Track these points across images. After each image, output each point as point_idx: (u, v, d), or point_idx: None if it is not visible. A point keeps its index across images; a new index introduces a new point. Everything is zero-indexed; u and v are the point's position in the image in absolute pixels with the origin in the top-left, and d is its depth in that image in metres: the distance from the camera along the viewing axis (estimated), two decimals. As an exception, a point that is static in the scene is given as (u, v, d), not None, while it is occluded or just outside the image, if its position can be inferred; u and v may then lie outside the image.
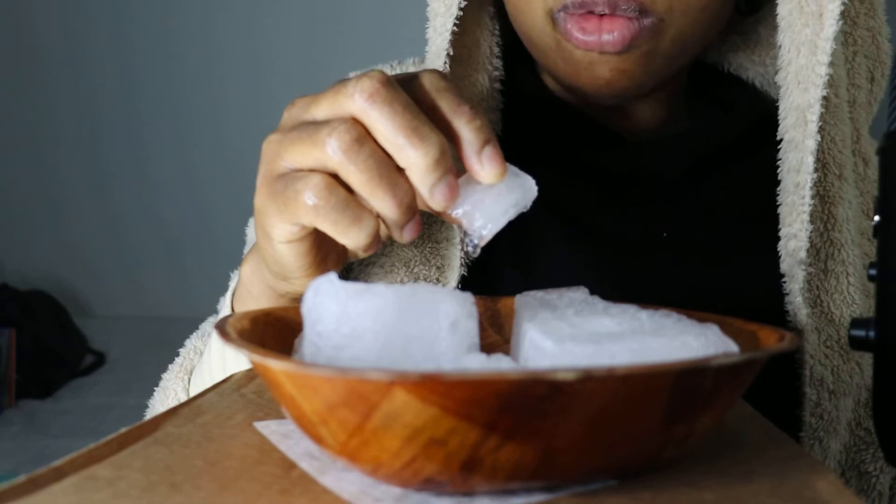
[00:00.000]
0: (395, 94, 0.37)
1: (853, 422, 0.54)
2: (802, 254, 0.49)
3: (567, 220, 0.57)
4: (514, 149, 0.59)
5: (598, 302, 0.39)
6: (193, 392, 0.58)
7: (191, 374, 0.59)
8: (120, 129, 2.70)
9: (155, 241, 2.70)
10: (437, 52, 0.53)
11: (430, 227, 0.57)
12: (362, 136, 0.37)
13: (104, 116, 2.70)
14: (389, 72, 0.65)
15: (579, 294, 0.40)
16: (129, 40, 2.65)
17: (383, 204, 0.38)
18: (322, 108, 0.38)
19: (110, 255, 2.74)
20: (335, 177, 0.38)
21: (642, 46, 0.49)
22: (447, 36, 0.52)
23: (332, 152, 0.37)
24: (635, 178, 0.57)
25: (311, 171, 0.38)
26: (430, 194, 0.37)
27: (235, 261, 0.68)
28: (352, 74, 0.44)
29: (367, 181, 0.37)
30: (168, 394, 0.59)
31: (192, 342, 0.62)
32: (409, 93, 0.38)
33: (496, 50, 0.58)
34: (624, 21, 0.48)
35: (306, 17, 2.55)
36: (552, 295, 0.40)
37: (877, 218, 0.34)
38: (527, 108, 0.58)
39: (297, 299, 0.47)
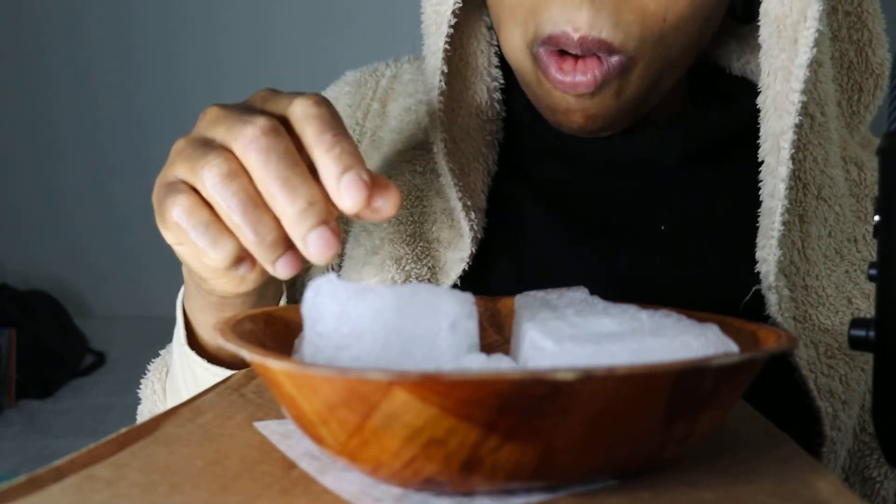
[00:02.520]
0: (274, 142, 0.37)
1: (857, 427, 0.54)
2: (771, 278, 0.50)
3: (565, 210, 0.57)
4: (517, 150, 0.59)
5: (598, 302, 0.39)
6: (169, 390, 0.59)
7: (166, 371, 0.60)
8: (120, 129, 2.70)
9: (155, 241, 2.66)
10: (432, 70, 0.54)
11: (422, 224, 0.57)
12: (234, 171, 0.37)
13: (104, 117, 2.70)
14: (384, 70, 0.66)
15: (579, 294, 0.40)
16: (131, 41, 2.65)
17: (244, 239, 0.38)
18: (219, 132, 0.39)
19: (110, 255, 2.74)
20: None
21: (613, 84, 0.50)
22: (440, 55, 0.53)
23: (205, 181, 0.38)
24: (634, 166, 0.57)
25: (189, 187, 0.39)
26: (304, 245, 0.37)
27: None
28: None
29: (230, 215, 0.37)
30: (148, 385, 0.61)
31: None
32: (283, 120, 0.39)
33: (494, 60, 0.58)
34: (595, 61, 0.49)
35: (307, 18, 2.55)
36: (552, 295, 0.40)
37: (877, 218, 0.34)
38: (528, 111, 0.58)
39: (226, 297, 0.47)
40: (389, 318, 0.30)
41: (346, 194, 0.36)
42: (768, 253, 0.50)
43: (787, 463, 0.32)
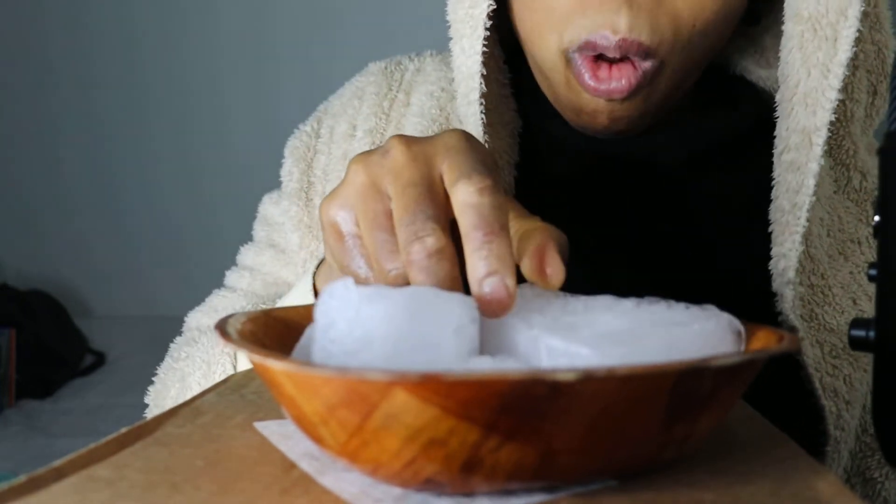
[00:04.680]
0: (436, 267, 0.35)
1: (859, 428, 0.54)
2: (791, 273, 0.50)
3: (572, 207, 0.57)
4: (533, 143, 0.59)
5: (567, 297, 0.37)
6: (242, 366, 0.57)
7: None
8: (121, 129, 2.70)
9: (155, 240, 2.70)
10: (468, 73, 0.54)
11: None
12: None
13: (105, 116, 2.70)
14: (408, 63, 0.66)
15: (538, 289, 0.38)
16: (133, 41, 2.65)
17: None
18: (397, 208, 0.37)
19: (111, 255, 2.74)
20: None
21: (643, 90, 0.50)
22: (478, 58, 0.53)
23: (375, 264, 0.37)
24: (638, 167, 0.57)
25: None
26: None
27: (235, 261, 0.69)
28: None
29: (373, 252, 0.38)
30: (215, 369, 0.58)
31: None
32: (438, 189, 0.37)
33: (503, 56, 0.59)
34: (630, 68, 0.49)
35: (309, 16, 2.55)
36: (525, 290, 0.38)
37: (877, 218, 0.34)
38: (537, 109, 0.59)
39: None
40: (400, 323, 0.30)
41: (487, 298, 0.34)
42: (789, 248, 0.50)
43: (788, 464, 0.32)
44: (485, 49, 0.53)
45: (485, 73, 0.53)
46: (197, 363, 0.59)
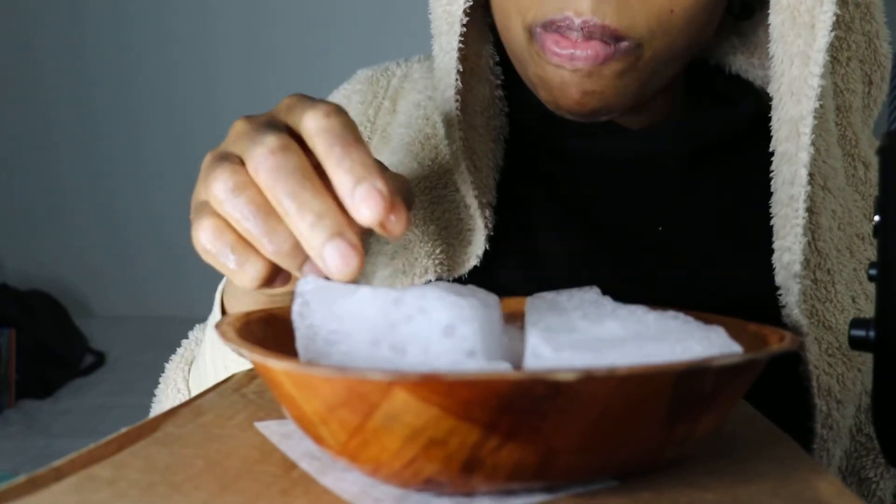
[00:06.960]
0: (283, 160, 0.35)
1: (854, 428, 0.54)
2: (797, 267, 0.49)
3: (566, 207, 0.57)
4: (521, 146, 0.59)
5: (607, 303, 0.38)
6: (192, 383, 0.58)
7: (190, 365, 0.60)
8: (118, 130, 2.70)
9: (154, 241, 2.70)
10: (445, 69, 0.54)
11: (432, 218, 0.57)
12: (242, 183, 0.36)
13: (103, 117, 2.70)
14: (395, 69, 0.67)
15: (590, 294, 0.39)
16: (128, 42, 2.66)
17: (263, 250, 0.36)
18: (238, 148, 0.37)
19: (110, 255, 2.74)
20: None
21: (614, 67, 0.49)
22: (454, 55, 0.53)
23: (214, 195, 0.36)
24: (633, 167, 0.57)
25: (212, 209, 0.37)
26: (321, 261, 0.34)
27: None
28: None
29: (245, 228, 0.36)
30: (168, 384, 0.60)
31: (195, 333, 0.62)
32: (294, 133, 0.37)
33: (497, 57, 0.59)
34: (598, 42, 0.48)
35: (304, 18, 2.55)
36: (563, 296, 0.40)
37: (877, 218, 0.34)
38: (528, 107, 0.58)
39: (274, 296, 0.46)
40: (376, 322, 0.30)
41: (363, 206, 0.34)
42: (793, 241, 0.49)
43: (788, 464, 0.32)
44: (461, 46, 0.53)
45: (461, 69, 0.53)
46: (162, 380, 0.61)
